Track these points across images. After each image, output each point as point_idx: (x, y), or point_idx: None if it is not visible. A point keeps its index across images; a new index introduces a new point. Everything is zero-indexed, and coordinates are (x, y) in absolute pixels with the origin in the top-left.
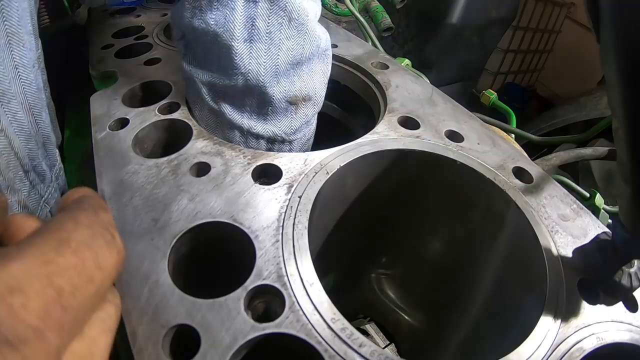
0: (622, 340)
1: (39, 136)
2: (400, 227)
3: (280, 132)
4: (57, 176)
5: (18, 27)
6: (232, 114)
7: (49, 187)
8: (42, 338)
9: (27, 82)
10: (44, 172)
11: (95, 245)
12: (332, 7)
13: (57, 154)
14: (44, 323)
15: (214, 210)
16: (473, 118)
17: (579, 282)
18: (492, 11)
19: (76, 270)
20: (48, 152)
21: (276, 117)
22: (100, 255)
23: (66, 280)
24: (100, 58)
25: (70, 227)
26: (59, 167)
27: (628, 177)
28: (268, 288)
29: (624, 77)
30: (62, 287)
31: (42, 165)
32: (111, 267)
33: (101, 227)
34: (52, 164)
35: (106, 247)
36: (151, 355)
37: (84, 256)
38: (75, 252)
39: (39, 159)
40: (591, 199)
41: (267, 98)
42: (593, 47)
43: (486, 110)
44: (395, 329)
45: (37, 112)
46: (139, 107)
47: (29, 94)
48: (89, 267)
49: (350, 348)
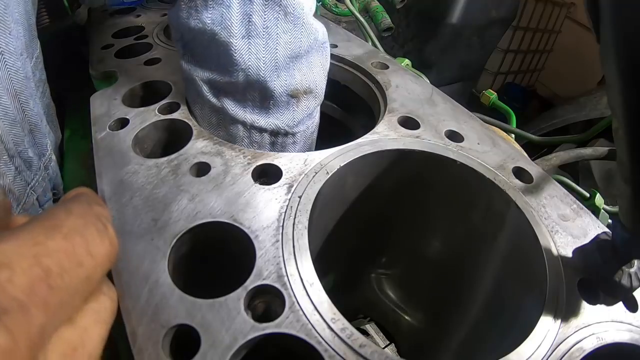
0: (622, 340)
1: (25, 123)
2: (400, 227)
3: (283, 125)
4: (46, 166)
5: (4, 15)
6: (235, 109)
7: (36, 174)
8: (26, 312)
9: (13, 69)
10: (30, 160)
11: (86, 232)
12: (332, 7)
13: (47, 144)
14: (29, 298)
15: (214, 210)
16: (473, 118)
17: (579, 282)
18: (492, 11)
19: (65, 254)
20: (36, 141)
21: (278, 110)
22: (91, 243)
23: (54, 262)
24: (100, 58)
25: (62, 216)
26: (49, 158)
27: (628, 177)
28: (268, 288)
29: (624, 77)
30: (50, 268)
31: (29, 152)
32: (103, 255)
33: (94, 217)
34: (40, 152)
35: (98, 235)
36: (151, 355)
37: (74, 241)
38: (66, 237)
39: (24, 145)
40: (591, 199)
41: (269, 92)
42: (593, 47)
43: (486, 110)
44: (395, 329)
45: (24, 99)
46: (139, 107)
47: (15, 80)
48: (79, 252)
49: (350, 348)
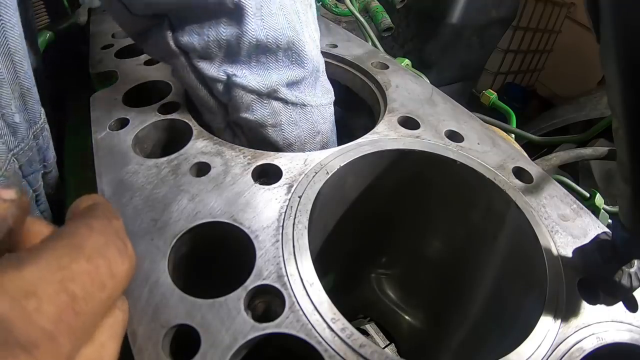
0: (622, 340)
1: (16, 85)
2: (400, 227)
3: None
4: (36, 135)
5: None
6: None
7: (22, 142)
8: (55, 342)
9: (9, 25)
10: (16, 125)
11: (108, 252)
12: (332, 7)
13: (42, 113)
14: (57, 327)
15: (214, 210)
16: (473, 118)
17: (579, 282)
18: (492, 11)
19: (89, 277)
20: (27, 107)
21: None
22: (113, 263)
23: (79, 287)
24: (100, 58)
25: (84, 233)
26: (42, 128)
27: (628, 177)
28: (268, 288)
29: (624, 77)
30: (75, 293)
31: (15, 117)
32: (123, 275)
33: (114, 235)
34: (31, 120)
35: (119, 255)
36: (151, 355)
37: (97, 263)
38: (89, 259)
39: (11, 108)
40: (591, 199)
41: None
42: (593, 47)
43: (486, 110)
44: (395, 329)
45: (18, 59)
46: (139, 107)
47: (10, 37)
48: (102, 274)
49: (350, 348)
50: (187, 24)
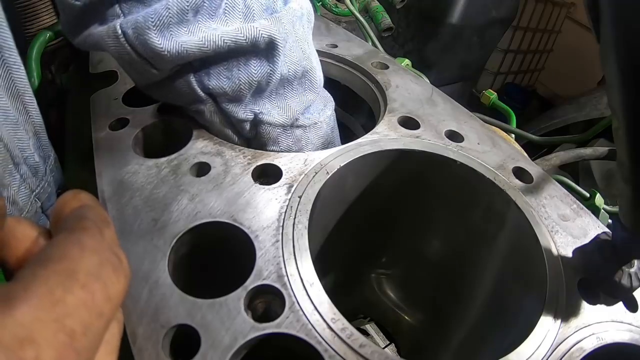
0: (622, 340)
1: (29, 124)
2: (400, 227)
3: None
4: (51, 169)
5: None
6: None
7: (42, 181)
8: None
9: (14, 67)
10: (37, 165)
11: (103, 274)
12: (332, 7)
13: (49, 143)
14: None
15: (214, 210)
16: (473, 118)
17: (579, 282)
18: (492, 11)
19: (86, 308)
20: (41, 142)
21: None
22: (109, 285)
23: (77, 321)
24: (100, 58)
25: (75, 255)
26: (54, 159)
27: (628, 177)
28: (268, 288)
29: (624, 77)
30: (74, 330)
31: (35, 157)
32: (119, 294)
33: (108, 251)
34: (46, 155)
35: (114, 274)
36: (151, 355)
37: (92, 289)
38: (84, 286)
39: (30, 149)
40: (591, 199)
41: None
42: (593, 47)
43: (486, 110)
44: (395, 329)
45: (28, 99)
46: (139, 107)
47: (17, 79)
48: (98, 301)
49: (350, 348)
50: (212, 66)
